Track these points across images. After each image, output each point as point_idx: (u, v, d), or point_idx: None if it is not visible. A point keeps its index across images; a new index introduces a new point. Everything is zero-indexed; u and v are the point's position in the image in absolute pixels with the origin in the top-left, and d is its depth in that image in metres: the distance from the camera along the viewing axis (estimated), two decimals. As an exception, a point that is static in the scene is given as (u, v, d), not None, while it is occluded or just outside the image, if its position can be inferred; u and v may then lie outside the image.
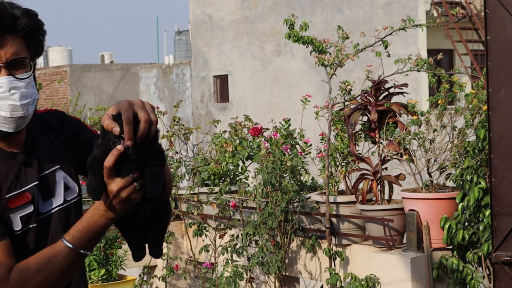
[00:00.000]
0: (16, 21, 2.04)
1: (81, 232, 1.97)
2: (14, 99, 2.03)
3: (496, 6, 4.43)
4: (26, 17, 2.06)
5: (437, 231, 5.51)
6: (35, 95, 2.10)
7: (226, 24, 20.55)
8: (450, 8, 15.55)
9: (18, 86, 2.04)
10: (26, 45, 2.07)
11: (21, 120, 2.05)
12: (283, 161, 6.18)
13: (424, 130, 5.78)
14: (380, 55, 6.07)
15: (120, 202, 1.91)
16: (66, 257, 1.97)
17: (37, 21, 2.09)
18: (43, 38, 2.13)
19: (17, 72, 2.05)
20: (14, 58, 2.04)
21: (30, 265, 1.97)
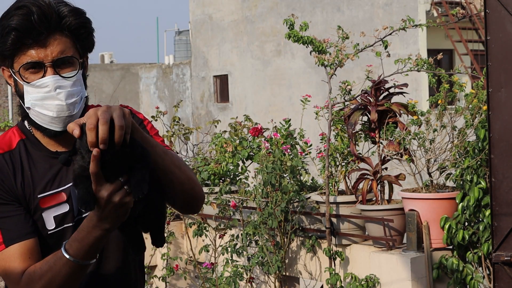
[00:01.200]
0: (62, 20, 2.03)
1: (78, 242, 1.92)
2: (60, 98, 2.03)
3: (496, 6, 4.43)
4: (73, 15, 2.05)
5: (437, 231, 5.51)
6: (82, 93, 2.09)
7: (226, 24, 20.55)
8: (450, 8, 15.56)
9: (63, 85, 2.03)
10: (73, 43, 2.06)
11: (68, 119, 2.04)
12: (283, 161, 6.18)
13: (424, 130, 5.78)
14: (380, 55, 6.07)
15: (114, 207, 1.84)
16: (65, 266, 1.94)
17: (84, 19, 2.08)
18: (92, 35, 2.11)
19: (64, 70, 2.04)
20: (60, 57, 2.03)
21: (36, 270, 1.97)
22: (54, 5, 2.03)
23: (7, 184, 2.05)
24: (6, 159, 2.08)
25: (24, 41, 2.00)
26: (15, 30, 1.99)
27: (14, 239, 2.01)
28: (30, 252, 2.00)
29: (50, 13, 2.01)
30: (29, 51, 2.01)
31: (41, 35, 2.00)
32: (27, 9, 1.99)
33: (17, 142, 2.12)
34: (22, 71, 2.03)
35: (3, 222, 2.02)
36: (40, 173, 2.08)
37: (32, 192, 2.06)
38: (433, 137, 5.77)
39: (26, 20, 1.99)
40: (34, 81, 2.02)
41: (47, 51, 2.01)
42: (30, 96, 2.04)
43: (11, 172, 2.07)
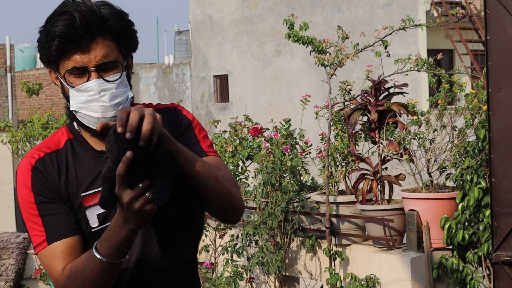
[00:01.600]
0: (105, 24, 2.06)
1: (106, 242, 1.96)
2: (104, 100, 2.07)
3: (496, 6, 4.42)
4: (115, 19, 2.08)
5: (437, 231, 5.51)
6: (127, 94, 2.13)
7: (226, 24, 20.55)
8: (450, 8, 15.55)
9: (107, 88, 2.08)
10: (116, 46, 2.10)
11: (113, 119, 2.05)
12: (283, 161, 6.18)
13: (424, 130, 5.78)
14: (380, 55, 6.07)
15: (135, 213, 1.88)
16: (96, 265, 1.98)
17: (126, 22, 2.11)
18: (135, 36, 2.15)
19: (107, 74, 2.08)
20: (103, 61, 2.06)
21: (73, 267, 2.03)
22: (96, 8, 2.06)
23: (51, 183, 2.10)
24: (52, 159, 2.14)
25: (68, 47, 2.04)
26: (59, 37, 2.03)
27: (56, 237, 2.07)
28: (71, 250, 2.07)
29: (93, 18, 2.04)
30: (73, 56, 2.06)
31: (84, 40, 2.04)
32: (70, 15, 2.03)
33: (64, 141, 2.18)
34: (67, 75, 2.08)
35: (46, 220, 2.08)
36: (85, 171, 2.13)
37: (76, 191, 2.11)
38: (433, 137, 5.77)
39: (69, 27, 2.02)
40: (79, 85, 2.07)
41: (91, 55, 2.06)
42: (76, 99, 2.09)
43: (56, 171, 2.12)
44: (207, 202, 2.10)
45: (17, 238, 6.94)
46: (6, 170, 15.63)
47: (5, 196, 15.74)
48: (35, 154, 2.15)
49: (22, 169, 2.13)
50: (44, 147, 2.16)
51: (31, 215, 2.10)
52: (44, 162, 2.13)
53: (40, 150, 2.16)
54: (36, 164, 2.13)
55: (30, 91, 16.96)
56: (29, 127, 8.66)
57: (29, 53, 26.45)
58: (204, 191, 2.05)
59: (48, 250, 2.07)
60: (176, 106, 2.27)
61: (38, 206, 2.09)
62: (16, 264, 6.78)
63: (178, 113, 2.26)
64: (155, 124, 1.85)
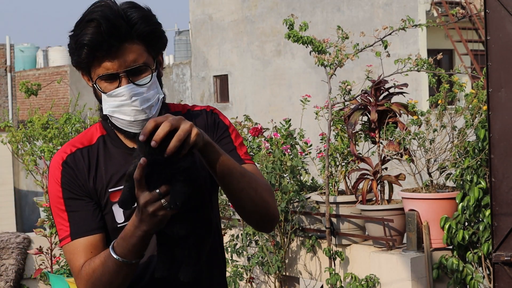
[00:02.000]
0: (132, 28, 2.08)
1: (122, 241, 2.01)
2: (135, 105, 2.10)
3: (496, 6, 4.42)
4: (143, 22, 2.09)
5: (437, 231, 5.51)
6: (158, 95, 2.15)
7: (226, 24, 20.55)
8: (450, 8, 15.55)
9: (139, 92, 2.10)
10: (145, 49, 2.12)
11: (146, 122, 2.07)
12: (283, 161, 6.18)
13: (424, 130, 5.78)
14: (380, 55, 6.07)
15: (148, 216, 1.91)
16: (112, 263, 2.03)
17: (153, 25, 2.13)
18: (163, 37, 2.17)
19: (137, 78, 2.11)
20: (133, 66, 2.09)
21: (91, 263, 2.08)
22: (123, 13, 2.08)
23: (80, 180, 2.15)
24: (83, 154, 2.18)
25: (97, 55, 2.07)
26: (87, 46, 2.06)
27: (79, 233, 2.12)
28: (93, 247, 2.11)
29: (119, 24, 2.06)
30: (103, 63, 2.08)
31: (112, 47, 2.06)
32: (97, 23, 2.04)
33: (97, 137, 2.21)
34: (99, 81, 2.11)
35: (72, 216, 2.13)
36: (115, 168, 2.17)
37: (105, 186, 2.15)
38: (433, 137, 5.77)
39: (97, 34, 2.04)
40: (111, 90, 2.11)
41: (120, 61, 2.08)
42: (108, 104, 2.12)
43: (87, 167, 2.16)
44: (245, 212, 2.16)
45: (17, 238, 6.93)
46: (6, 170, 15.63)
47: (5, 196, 15.74)
48: (68, 149, 2.19)
49: (53, 164, 2.18)
50: (77, 142, 2.21)
51: (59, 209, 2.15)
52: (75, 157, 2.17)
53: (73, 145, 2.20)
54: (67, 159, 2.17)
55: (29, 92, 16.96)
56: (29, 127, 8.65)
57: (29, 53, 26.45)
58: (243, 201, 2.11)
59: (71, 245, 2.12)
60: (213, 110, 2.29)
61: (65, 201, 2.14)
62: (16, 264, 6.78)
63: (215, 117, 2.28)
64: (187, 139, 1.87)
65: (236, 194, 2.10)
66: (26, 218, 17.92)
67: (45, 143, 8.32)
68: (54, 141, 8.23)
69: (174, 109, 2.29)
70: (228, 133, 2.27)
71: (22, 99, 20.98)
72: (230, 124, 2.30)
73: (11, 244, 6.85)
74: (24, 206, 18.23)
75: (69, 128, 8.40)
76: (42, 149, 8.17)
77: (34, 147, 8.43)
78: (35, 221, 7.13)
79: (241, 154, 2.25)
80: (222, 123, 2.27)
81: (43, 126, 8.55)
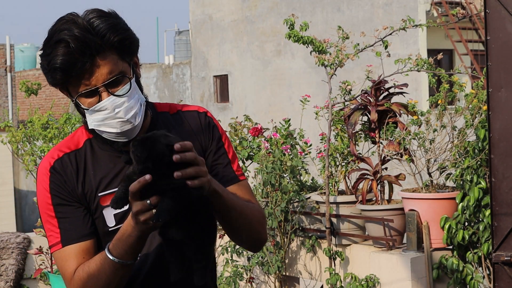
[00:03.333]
0: (102, 39, 2.04)
1: (118, 241, 2.01)
2: (120, 116, 2.07)
3: (496, 6, 4.42)
4: (112, 32, 2.05)
5: (437, 231, 5.51)
6: (140, 100, 2.12)
7: (226, 24, 20.55)
8: (450, 8, 15.55)
9: (120, 103, 2.07)
10: (118, 57, 2.08)
11: (132, 130, 2.10)
12: (283, 161, 6.18)
13: (424, 130, 5.78)
14: (380, 55, 6.07)
15: (140, 223, 1.93)
16: (108, 265, 2.03)
17: (123, 32, 2.08)
18: (134, 40, 2.13)
19: (117, 88, 2.08)
20: (110, 78, 2.06)
21: (85, 268, 2.07)
22: (89, 26, 2.03)
23: (69, 186, 2.13)
24: (71, 159, 2.16)
25: (72, 75, 2.04)
26: (60, 69, 2.02)
27: (70, 240, 2.11)
28: (84, 253, 2.10)
29: (89, 40, 2.01)
30: (80, 81, 2.05)
31: (86, 64, 2.02)
32: (66, 43, 2.01)
33: (84, 141, 2.19)
34: (79, 98, 2.08)
35: (62, 222, 2.12)
36: (103, 171, 2.15)
37: (94, 190, 2.13)
38: (433, 137, 5.77)
39: (68, 55, 2.01)
40: (92, 105, 2.08)
41: (97, 76, 2.05)
42: (92, 118, 2.09)
43: (75, 171, 2.14)
44: (236, 240, 2.25)
45: (17, 238, 6.93)
46: (6, 170, 15.62)
47: (5, 196, 15.73)
48: (55, 154, 2.17)
49: (41, 169, 2.16)
50: (64, 147, 2.18)
51: (48, 215, 2.14)
52: (63, 162, 2.15)
53: (60, 150, 2.18)
54: (54, 164, 2.15)
55: (29, 91, 16.95)
56: (29, 127, 8.65)
57: (29, 53, 26.44)
58: (237, 233, 2.19)
59: (62, 252, 2.11)
60: (207, 112, 2.27)
61: (54, 207, 2.13)
62: (16, 264, 6.78)
63: (209, 120, 2.26)
64: (199, 178, 1.91)
65: (232, 229, 2.17)
66: (26, 218, 17.91)
67: (45, 143, 8.32)
68: (54, 141, 8.23)
69: (161, 109, 2.26)
70: (222, 143, 2.25)
71: (22, 99, 20.97)
72: (223, 131, 2.29)
73: (11, 244, 6.85)
74: (24, 206, 18.23)
75: (69, 128, 8.41)
76: (42, 149, 8.17)
77: (34, 147, 8.43)
78: (35, 221, 7.13)
79: (234, 168, 2.26)
80: (217, 130, 2.25)
81: (43, 126, 8.55)
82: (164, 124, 2.21)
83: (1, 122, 9.62)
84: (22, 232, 7.64)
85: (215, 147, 2.24)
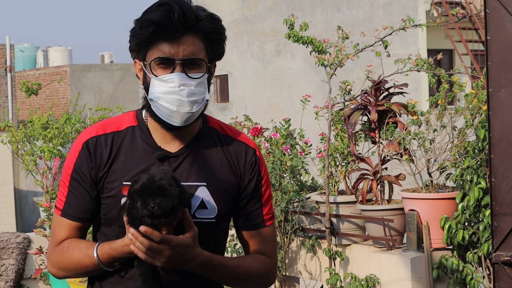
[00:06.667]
0: (199, 22, 2.12)
1: (109, 249, 2.13)
2: (182, 95, 2.12)
3: (496, 6, 4.42)
4: (209, 20, 2.15)
5: (437, 231, 5.51)
6: (204, 96, 2.17)
7: (226, 24, 20.38)
8: (450, 8, 15.55)
9: (188, 84, 2.13)
10: (204, 47, 2.16)
11: (187, 115, 2.14)
12: (283, 161, 6.18)
13: (424, 130, 5.78)
14: (380, 55, 6.07)
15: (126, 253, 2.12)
16: (91, 262, 2.16)
17: (219, 25, 2.19)
18: (224, 43, 2.21)
19: (191, 71, 2.14)
20: (190, 57, 2.12)
21: (70, 245, 2.21)
22: (194, 8, 2.13)
23: (93, 165, 2.21)
24: (107, 141, 2.22)
25: (161, 36, 2.11)
26: (154, 24, 2.10)
27: (68, 215, 2.22)
28: (76, 230, 2.23)
29: (190, 13, 2.11)
30: (163, 46, 2.12)
31: (177, 32, 2.11)
32: (169, 7, 2.10)
33: (127, 126, 2.24)
34: (153, 64, 2.14)
35: (70, 195, 2.23)
36: (135, 162, 2.20)
37: (119, 178, 2.19)
38: (433, 137, 5.76)
39: (166, 16, 2.09)
40: (162, 75, 2.13)
41: (179, 49, 2.12)
42: (155, 89, 2.14)
43: (106, 154, 2.21)
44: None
45: (17, 238, 6.93)
46: (6, 170, 15.61)
47: (5, 196, 15.72)
48: (94, 131, 2.23)
49: (78, 140, 2.24)
50: (107, 126, 2.24)
51: (64, 183, 2.25)
52: (97, 142, 2.21)
53: (102, 127, 2.24)
54: (89, 140, 2.22)
55: (29, 91, 16.93)
56: (29, 127, 8.65)
57: (29, 53, 26.42)
58: (229, 284, 2.30)
59: (59, 218, 2.24)
60: (256, 151, 2.30)
61: (71, 180, 2.22)
62: (16, 264, 6.78)
63: (255, 160, 2.29)
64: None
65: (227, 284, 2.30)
66: (26, 218, 17.91)
67: (45, 143, 8.32)
68: (54, 141, 8.23)
69: (212, 124, 2.29)
70: (261, 185, 2.29)
71: (22, 99, 20.97)
72: (266, 172, 2.31)
73: (11, 244, 6.85)
74: (24, 206, 18.22)
75: (69, 128, 8.40)
76: (42, 149, 8.17)
77: (34, 147, 8.42)
78: (35, 221, 7.14)
79: (265, 212, 2.31)
80: (259, 172, 2.28)
81: (43, 126, 8.55)
82: (209, 140, 2.25)
83: (1, 122, 9.61)
84: (22, 232, 7.64)
85: (251, 190, 2.27)
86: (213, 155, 2.23)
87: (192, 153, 2.20)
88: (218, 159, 2.23)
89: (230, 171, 2.23)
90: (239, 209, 2.27)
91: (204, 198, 2.19)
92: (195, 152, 2.21)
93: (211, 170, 2.21)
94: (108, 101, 10.84)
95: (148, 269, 2.12)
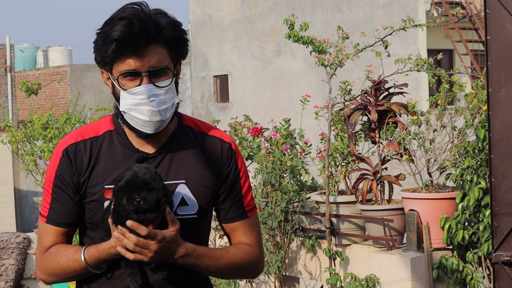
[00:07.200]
0: (160, 32, 2.16)
1: (95, 252, 2.18)
2: (152, 105, 2.17)
3: (496, 6, 4.42)
4: (170, 28, 2.17)
5: (437, 231, 5.51)
6: (174, 100, 2.22)
7: (226, 24, 20.54)
8: (450, 8, 15.55)
9: (157, 94, 2.17)
10: (168, 53, 2.19)
11: (159, 123, 2.19)
12: (283, 161, 6.18)
13: (424, 130, 5.78)
14: (380, 55, 6.07)
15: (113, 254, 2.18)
16: (79, 266, 2.22)
17: (180, 31, 2.21)
18: (186, 45, 2.25)
19: (158, 79, 2.18)
20: (156, 67, 2.16)
21: (57, 251, 2.25)
22: (153, 16, 2.16)
23: (74, 171, 2.25)
24: (86, 146, 2.27)
25: (124, 51, 2.14)
26: (116, 41, 2.13)
27: (53, 221, 2.28)
28: (62, 236, 2.29)
29: (150, 25, 2.14)
30: (128, 60, 2.15)
31: (140, 46, 2.14)
32: (129, 21, 2.12)
33: (104, 131, 2.29)
34: (120, 78, 2.18)
35: (53, 202, 2.28)
36: (114, 165, 2.24)
37: (101, 182, 2.23)
38: (433, 137, 5.76)
39: (127, 32, 2.12)
40: (131, 88, 2.17)
41: (144, 61, 2.15)
42: (126, 101, 2.19)
43: (86, 159, 2.26)
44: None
45: (17, 238, 6.93)
46: (6, 170, 15.62)
47: (5, 196, 15.73)
48: (73, 138, 2.28)
49: (58, 148, 2.29)
50: (85, 132, 2.29)
51: (47, 190, 2.30)
52: (77, 148, 2.26)
53: (80, 134, 2.29)
54: (69, 147, 2.26)
55: (29, 91, 16.93)
56: (29, 127, 8.64)
57: (29, 53, 26.42)
58: (216, 275, 2.33)
59: (44, 225, 2.30)
60: (231, 145, 2.34)
61: (54, 187, 2.27)
62: (16, 264, 6.78)
63: (231, 153, 2.34)
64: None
65: (214, 275, 2.35)
66: (26, 218, 17.92)
67: (45, 143, 8.31)
68: (54, 141, 8.22)
69: (187, 123, 2.34)
70: (239, 178, 2.34)
71: (22, 99, 20.96)
72: (243, 164, 2.36)
73: (11, 244, 6.85)
74: (24, 206, 18.23)
75: (69, 128, 8.40)
76: (42, 149, 8.16)
77: (34, 147, 8.42)
78: (35, 221, 7.14)
79: (245, 203, 2.35)
80: (236, 165, 2.34)
81: (43, 126, 8.54)
82: (185, 139, 2.29)
83: (1, 122, 9.61)
84: (22, 232, 7.64)
85: (230, 183, 2.32)
86: (190, 152, 2.28)
87: (170, 152, 2.26)
88: (195, 156, 2.28)
89: (208, 167, 2.28)
90: (219, 203, 2.32)
91: (184, 195, 2.24)
92: (172, 151, 2.26)
93: (189, 167, 2.26)
94: (108, 101, 10.83)
95: (136, 268, 2.16)
